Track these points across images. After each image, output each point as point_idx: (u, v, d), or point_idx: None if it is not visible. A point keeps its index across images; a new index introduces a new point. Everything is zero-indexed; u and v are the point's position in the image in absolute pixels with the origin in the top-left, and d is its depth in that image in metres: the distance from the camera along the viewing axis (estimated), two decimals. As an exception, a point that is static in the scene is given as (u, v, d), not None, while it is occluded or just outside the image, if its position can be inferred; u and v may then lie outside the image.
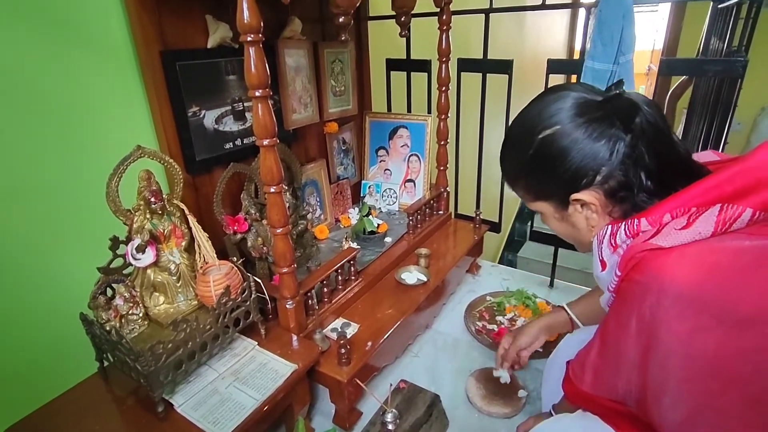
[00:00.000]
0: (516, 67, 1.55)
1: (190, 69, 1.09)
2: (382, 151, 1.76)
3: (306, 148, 1.56)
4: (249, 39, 0.79)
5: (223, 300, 0.93)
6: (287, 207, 1.00)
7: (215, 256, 1.06)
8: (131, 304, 0.97)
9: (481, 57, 1.59)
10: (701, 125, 1.65)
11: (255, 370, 0.94)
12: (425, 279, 1.32)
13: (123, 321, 0.96)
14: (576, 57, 1.38)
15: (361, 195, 1.76)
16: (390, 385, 0.99)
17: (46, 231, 0.97)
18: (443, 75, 1.50)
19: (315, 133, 1.57)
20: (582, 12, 1.36)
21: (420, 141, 1.69)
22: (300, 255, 1.32)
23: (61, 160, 0.97)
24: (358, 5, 1.06)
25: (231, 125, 1.24)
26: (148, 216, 0.99)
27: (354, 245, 1.42)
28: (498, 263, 1.83)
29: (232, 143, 1.25)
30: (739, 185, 0.52)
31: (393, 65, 1.81)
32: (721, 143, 1.39)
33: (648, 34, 5.14)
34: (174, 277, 1.02)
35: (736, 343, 0.49)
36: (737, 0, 1.48)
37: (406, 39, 1.72)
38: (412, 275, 1.34)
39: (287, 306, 1.02)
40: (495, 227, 1.73)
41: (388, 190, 1.73)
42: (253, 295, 1.00)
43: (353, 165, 1.78)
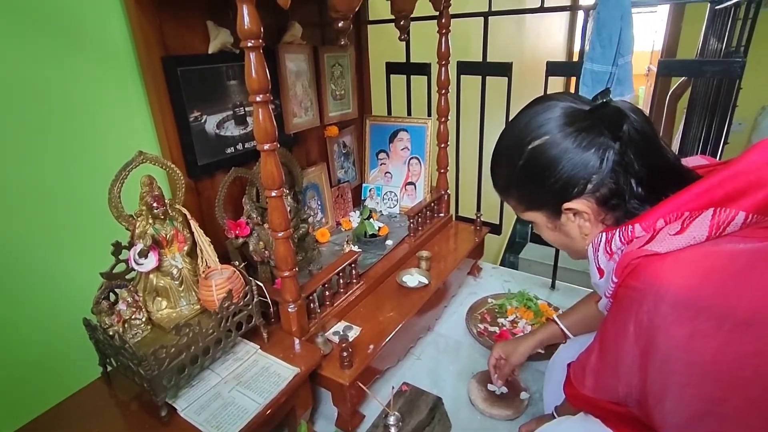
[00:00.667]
0: (515, 70, 1.55)
1: (191, 74, 1.10)
2: (382, 155, 1.77)
3: (307, 151, 1.56)
4: (249, 44, 0.80)
5: (226, 304, 0.94)
6: (288, 211, 1.00)
7: (217, 260, 1.06)
8: (134, 308, 0.97)
9: (481, 60, 1.60)
10: (701, 125, 1.65)
11: (257, 373, 0.94)
12: (426, 281, 1.32)
13: (126, 326, 0.96)
14: (575, 59, 1.39)
15: (362, 198, 1.76)
16: (392, 388, 1.00)
17: (49, 236, 0.98)
18: (443, 78, 1.51)
19: (315, 137, 1.58)
20: (581, 14, 1.37)
21: (420, 144, 1.69)
22: (301, 258, 1.32)
23: (64, 165, 0.98)
24: (357, 9, 1.07)
25: (232, 130, 1.24)
26: (150, 221, 0.99)
27: (355, 248, 1.42)
28: (499, 265, 1.83)
29: (233, 148, 1.25)
30: (730, 189, 0.52)
31: (393, 69, 1.82)
32: (721, 143, 1.39)
33: (647, 35, 5.14)
34: (176, 282, 1.03)
35: (734, 347, 0.49)
36: (735, 1, 1.49)
37: (405, 42, 1.73)
38: (413, 278, 1.34)
39: (289, 309, 1.03)
40: (496, 229, 1.73)
41: (388, 193, 1.74)
42: (255, 299, 1.00)
43: (354, 168, 1.78)
